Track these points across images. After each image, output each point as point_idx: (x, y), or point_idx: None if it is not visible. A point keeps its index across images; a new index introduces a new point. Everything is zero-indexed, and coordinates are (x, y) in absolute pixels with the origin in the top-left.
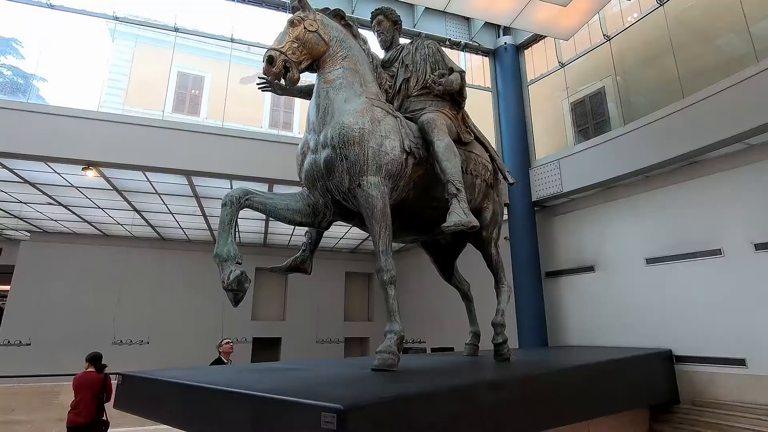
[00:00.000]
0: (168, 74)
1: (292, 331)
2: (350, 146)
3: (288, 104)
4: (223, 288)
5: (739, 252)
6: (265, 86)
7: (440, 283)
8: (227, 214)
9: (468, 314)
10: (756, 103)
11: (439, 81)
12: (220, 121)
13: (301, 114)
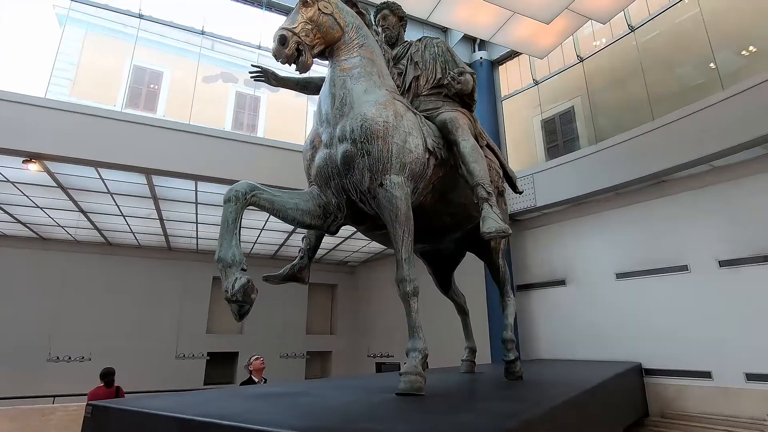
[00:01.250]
0: (122, 66)
1: (251, 345)
2: (373, 140)
3: (253, 106)
4: (225, 299)
5: (704, 268)
6: (258, 75)
7: (391, 299)
8: (231, 211)
9: (464, 329)
10: (721, 128)
11: (458, 79)
12: (177, 120)
13: (267, 117)
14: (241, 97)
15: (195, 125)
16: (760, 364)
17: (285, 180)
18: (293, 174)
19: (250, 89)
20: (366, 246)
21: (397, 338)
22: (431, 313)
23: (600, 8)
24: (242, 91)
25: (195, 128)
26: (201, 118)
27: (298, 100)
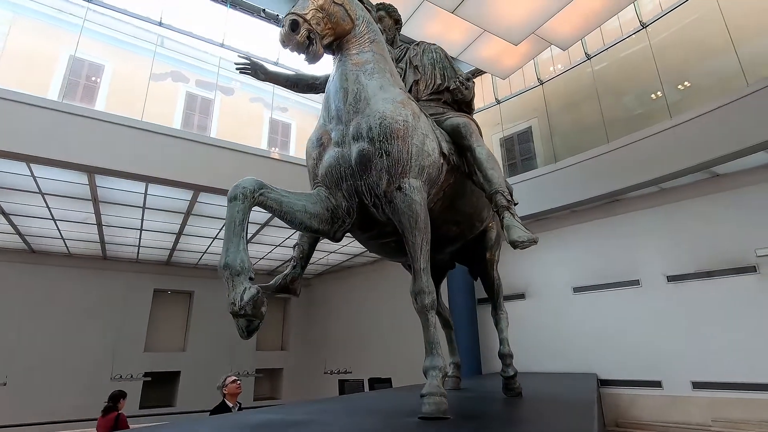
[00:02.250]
0: (58, 56)
1: (194, 363)
2: (393, 140)
3: (205, 108)
4: (232, 312)
5: (654, 283)
6: (245, 68)
7: (366, 309)
8: (238, 211)
9: (449, 344)
10: (667, 154)
11: (467, 85)
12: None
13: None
14: (191, 98)
15: (148, 122)
16: (705, 373)
17: None
18: (238, 173)
19: (202, 90)
20: (323, 258)
21: (354, 353)
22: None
23: (562, 35)
24: (193, 91)
25: (148, 125)
26: (147, 118)
27: (254, 105)
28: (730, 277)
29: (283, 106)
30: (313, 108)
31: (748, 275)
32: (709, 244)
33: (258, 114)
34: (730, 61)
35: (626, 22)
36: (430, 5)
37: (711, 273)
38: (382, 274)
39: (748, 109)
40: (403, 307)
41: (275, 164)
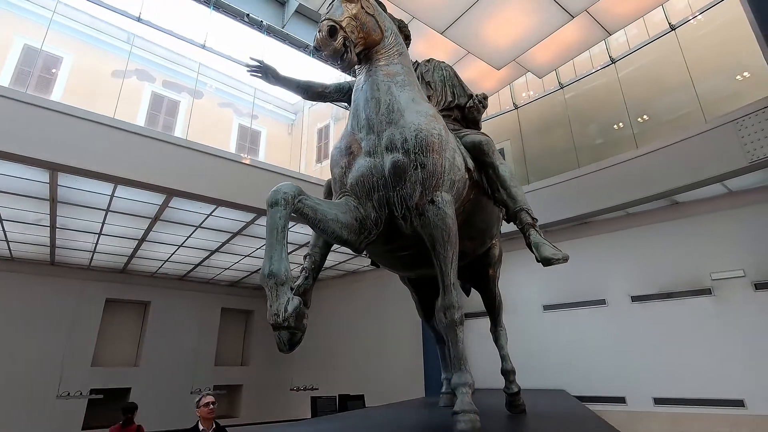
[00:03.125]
0: (9, 43)
1: (148, 379)
2: (428, 153)
3: (171, 110)
4: (274, 324)
5: (619, 302)
6: (255, 71)
7: (336, 324)
8: (281, 217)
9: (441, 359)
10: (632, 181)
11: (485, 103)
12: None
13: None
14: (157, 99)
15: (122, 121)
16: (666, 389)
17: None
18: (230, 183)
19: (169, 91)
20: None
21: (322, 369)
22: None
23: (540, 63)
24: (160, 92)
25: (123, 124)
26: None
27: (224, 110)
28: (688, 298)
29: (253, 113)
30: (284, 117)
31: (704, 297)
32: (670, 267)
33: (227, 119)
34: (691, 98)
35: (596, 56)
36: (419, 24)
37: (671, 294)
38: (352, 288)
39: (707, 143)
40: (374, 322)
41: (255, 171)
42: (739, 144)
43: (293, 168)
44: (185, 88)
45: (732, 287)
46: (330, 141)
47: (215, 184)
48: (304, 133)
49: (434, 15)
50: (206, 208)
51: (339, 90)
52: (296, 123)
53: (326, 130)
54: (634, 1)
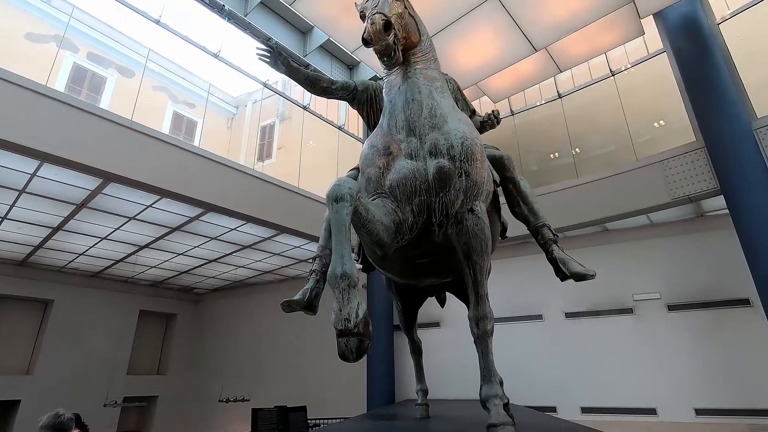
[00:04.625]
0: None
1: (42, 390)
2: (473, 161)
3: (96, 85)
4: (343, 330)
5: (554, 318)
6: (265, 55)
7: (270, 331)
8: (347, 213)
9: (418, 370)
10: (568, 207)
11: (499, 119)
12: None
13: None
14: (79, 72)
15: (60, 92)
16: (593, 399)
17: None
18: (178, 173)
19: (95, 65)
20: (225, 273)
21: (253, 379)
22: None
23: (497, 89)
24: (83, 64)
25: (61, 96)
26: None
27: (157, 94)
28: (613, 316)
29: (191, 101)
30: (225, 110)
31: (626, 315)
32: (599, 288)
33: (160, 104)
34: (621, 137)
35: (544, 88)
36: None
37: (599, 312)
38: (289, 294)
39: (637, 179)
40: (315, 331)
41: (209, 163)
42: (665, 182)
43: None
44: (114, 63)
45: (649, 308)
46: (274, 140)
47: (162, 173)
48: (245, 128)
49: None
50: (147, 198)
51: (344, 88)
52: (238, 117)
53: (271, 129)
54: (586, 45)
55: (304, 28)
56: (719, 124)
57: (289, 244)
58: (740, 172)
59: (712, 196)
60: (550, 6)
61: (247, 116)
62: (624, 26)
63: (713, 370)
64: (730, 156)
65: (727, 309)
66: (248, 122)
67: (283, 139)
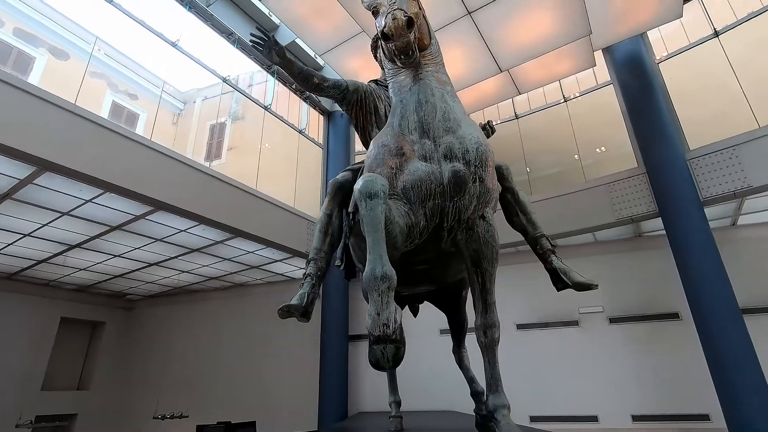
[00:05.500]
0: None
1: None
2: (486, 168)
3: (22, 65)
4: (381, 336)
5: (506, 329)
6: (259, 43)
7: (210, 341)
8: (382, 211)
9: (391, 381)
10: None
11: (494, 128)
12: None
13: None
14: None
15: None
16: (541, 407)
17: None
18: (128, 166)
19: (22, 42)
20: (166, 278)
21: (190, 393)
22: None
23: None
24: (8, 40)
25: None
26: None
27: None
28: (561, 328)
29: (133, 92)
30: (170, 105)
31: (573, 327)
32: (548, 301)
33: (98, 92)
34: (574, 160)
35: (502, 108)
36: (362, 41)
37: (548, 324)
38: (240, 302)
39: (585, 199)
40: (263, 342)
41: (160, 158)
42: (610, 203)
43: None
44: (46, 43)
45: (593, 320)
46: (225, 140)
47: (109, 165)
48: (193, 125)
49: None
50: (89, 192)
51: (336, 87)
52: (185, 114)
53: (221, 128)
54: (545, 71)
55: (269, 27)
56: (658, 153)
57: (243, 249)
58: (676, 198)
59: (652, 218)
60: (519, 31)
61: (196, 113)
62: (579, 57)
63: (648, 379)
64: (667, 182)
65: (660, 322)
66: (197, 119)
67: (235, 139)
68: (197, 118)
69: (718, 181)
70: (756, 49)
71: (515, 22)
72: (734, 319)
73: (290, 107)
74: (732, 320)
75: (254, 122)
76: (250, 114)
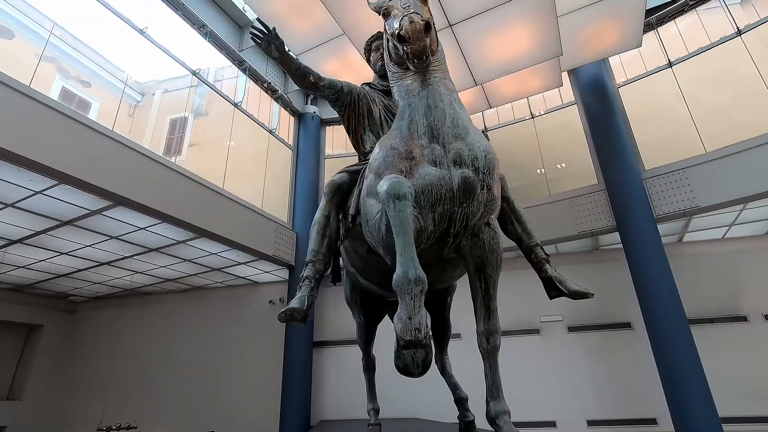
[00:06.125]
0: None
1: None
2: (493, 176)
3: None
4: (412, 341)
5: (471, 337)
6: (259, 36)
7: (155, 347)
8: (410, 213)
9: (370, 389)
10: None
11: (487, 136)
12: None
13: None
14: None
15: None
16: None
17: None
18: (69, 148)
19: None
20: (117, 279)
21: (139, 401)
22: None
23: None
24: None
25: None
26: None
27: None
28: (523, 336)
29: (85, 78)
30: (127, 95)
31: (534, 336)
32: (512, 309)
33: (46, 77)
34: (539, 174)
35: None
36: (341, 43)
37: (511, 332)
38: (196, 306)
39: (549, 212)
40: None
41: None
42: (572, 217)
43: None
44: None
45: (553, 329)
46: (186, 136)
47: (65, 155)
48: (151, 119)
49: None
50: (40, 182)
51: (331, 87)
52: (143, 106)
53: (182, 123)
54: (516, 87)
55: (242, 23)
56: (616, 172)
57: (205, 250)
58: (632, 214)
59: (610, 233)
60: (496, 46)
61: (155, 106)
62: (548, 76)
63: (603, 385)
64: (624, 199)
65: (614, 331)
66: (155, 112)
67: (197, 135)
68: (156, 110)
69: (670, 200)
70: (704, 82)
71: (493, 37)
72: (682, 329)
73: (261, 106)
74: (680, 330)
75: (218, 119)
76: (215, 110)
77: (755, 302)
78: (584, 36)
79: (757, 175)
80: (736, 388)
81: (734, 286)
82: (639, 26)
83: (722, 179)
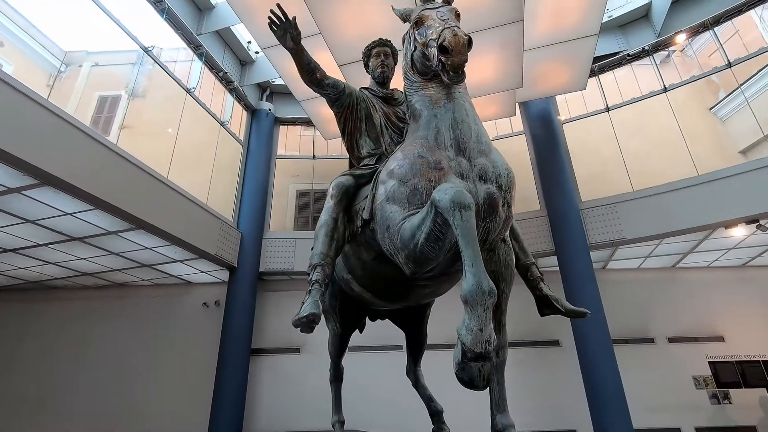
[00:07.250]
0: None
1: None
2: (512, 193)
3: None
4: (481, 353)
5: None
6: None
7: (60, 348)
8: (475, 224)
9: (336, 400)
10: None
11: None
12: None
13: None
14: None
15: None
16: None
17: None
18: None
19: None
20: (22, 269)
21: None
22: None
23: None
24: None
25: None
26: None
27: None
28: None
29: None
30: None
31: None
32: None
33: None
34: None
35: None
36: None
37: (450, 345)
38: (118, 305)
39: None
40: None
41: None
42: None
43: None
44: None
45: None
46: (116, 116)
47: None
48: (75, 93)
49: (342, 52)
50: None
51: (334, 86)
52: (66, 77)
53: (114, 102)
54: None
55: (203, 6)
56: (557, 200)
57: (139, 244)
58: (569, 241)
59: (549, 256)
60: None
61: (81, 79)
62: (504, 105)
63: (530, 398)
64: (563, 226)
65: (545, 348)
66: (81, 86)
67: (131, 117)
68: (83, 84)
69: (602, 230)
70: (632, 127)
71: None
72: (606, 347)
73: (214, 96)
74: (605, 348)
75: (157, 103)
76: (154, 93)
77: (659, 326)
78: (540, 72)
79: (672, 215)
80: (647, 401)
81: (644, 311)
82: (586, 71)
83: (645, 215)
